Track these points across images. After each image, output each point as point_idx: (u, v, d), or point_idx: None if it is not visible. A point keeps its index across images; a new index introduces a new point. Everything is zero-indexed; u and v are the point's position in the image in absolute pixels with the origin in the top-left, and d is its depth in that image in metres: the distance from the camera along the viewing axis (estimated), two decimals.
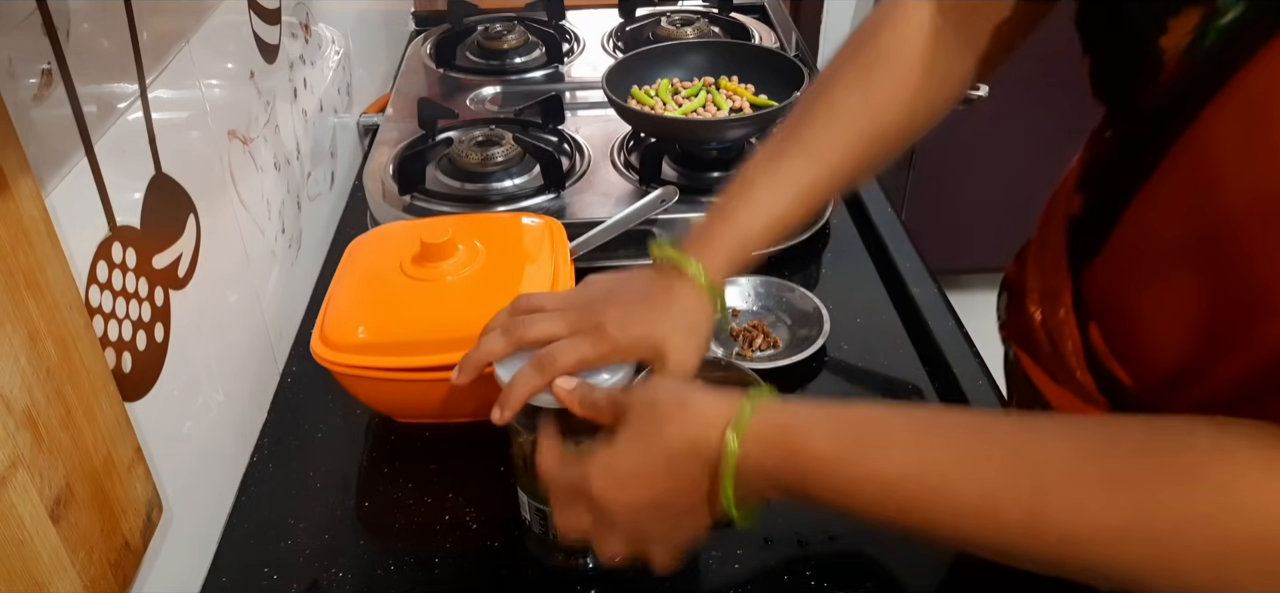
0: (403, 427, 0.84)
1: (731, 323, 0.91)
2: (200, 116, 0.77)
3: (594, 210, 1.02)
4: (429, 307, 0.80)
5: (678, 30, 1.42)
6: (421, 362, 0.76)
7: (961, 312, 0.97)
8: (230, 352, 0.81)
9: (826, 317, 0.91)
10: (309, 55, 1.10)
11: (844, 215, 1.14)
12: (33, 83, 0.54)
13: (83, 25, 0.59)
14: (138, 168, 0.66)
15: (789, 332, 0.94)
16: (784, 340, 0.93)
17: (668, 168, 1.11)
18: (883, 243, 1.07)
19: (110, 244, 0.61)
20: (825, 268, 1.03)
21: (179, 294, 0.71)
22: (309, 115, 1.08)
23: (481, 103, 1.30)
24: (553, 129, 1.17)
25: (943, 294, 0.98)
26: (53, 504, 0.51)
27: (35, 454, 0.50)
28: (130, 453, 0.60)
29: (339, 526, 0.76)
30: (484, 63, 1.41)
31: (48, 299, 0.52)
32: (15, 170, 0.50)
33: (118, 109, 0.63)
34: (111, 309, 0.61)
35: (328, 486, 0.80)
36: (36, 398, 0.50)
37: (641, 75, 1.18)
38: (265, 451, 0.84)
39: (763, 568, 0.71)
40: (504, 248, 0.86)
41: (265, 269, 0.90)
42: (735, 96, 1.14)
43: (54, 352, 0.52)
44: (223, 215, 0.80)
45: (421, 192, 1.06)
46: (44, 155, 0.54)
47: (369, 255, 0.87)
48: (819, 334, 0.90)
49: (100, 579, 0.56)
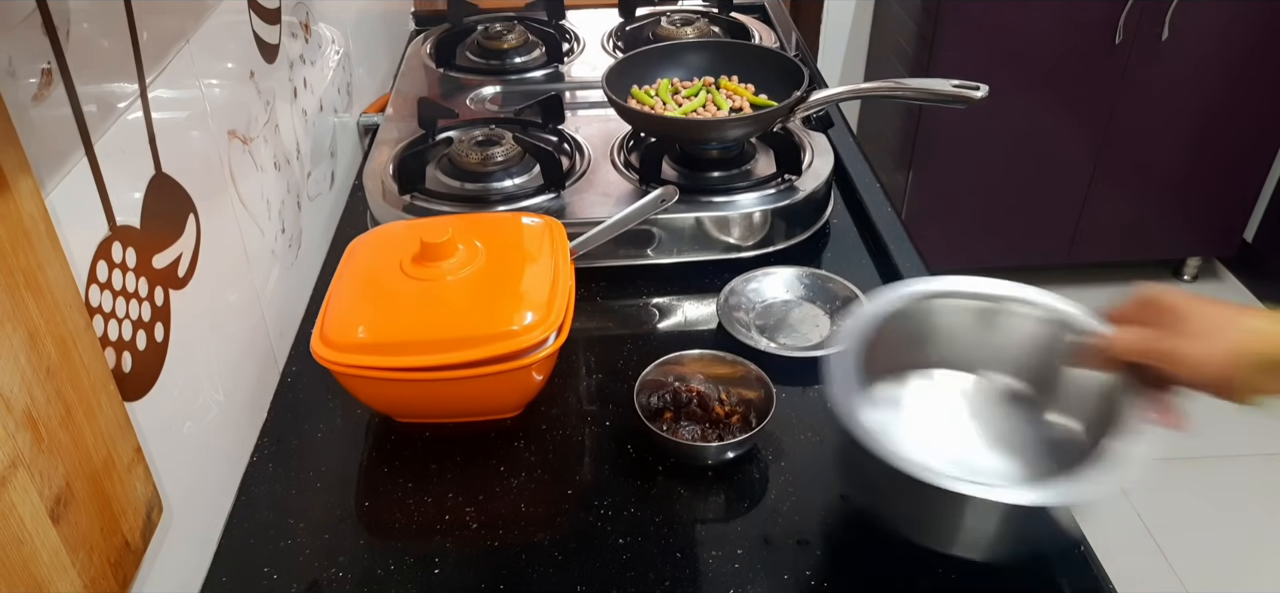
0: (403, 427, 0.84)
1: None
2: (200, 116, 0.77)
3: (594, 210, 1.02)
4: (429, 307, 0.80)
5: (678, 30, 1.42)
6: (421, 362, 0.76)
7: None
8: (230, 351, 0.81)
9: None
10: (309, 55, 1.10)
11: (844, 215, 1.14)
12: (33, 82, 0.54)
13: (83, 25, 0.59)
14: (138, 168, 0.66)
15: (830, 321, 0.96)
16: (825, 328, 0.95)
17: (668, 168, 1.11)
18: (883, 243, 1.07)
19: (110, 244, 0.61)
20: (825, 268, 1.03)
21: (179, 294, 0.71)
22: (309, 115, 1.08)
23: (481, 103, 1.30)
24: (553, 129, 1.17)
25: None
26: (53, 504, 0.51)
27: (35, 454, 0.50)
28: (130, 453, 0.60)
29: (339, 526, 0.76)
30: (484, 63, 1.41)
31: (48, 299, 0.52)
32: (15, 170, 0.50)
33: (118, 109, 0.63)
34: (111, 309, 0.61)
35: (328, 486, 0.80)
36: (36, 398, 0.50)
37: (641, 75, 1.18)
38: (265, 450, 0.84)
39: (763, 568, 0.71)
40: (504, 248, 0.86)
41: (265, 269, 0.90)
42: (735, 96, 1.14)
43: (54, 351, 0.52)
44: (223, 215, 0.80)
45: (421, 191, 1.06)
46: (44, 155, 0.54)
47: (369, 255, 0.87)
48: None
49: (100, 579, 0.56)
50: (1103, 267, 2.68)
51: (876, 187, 1.18)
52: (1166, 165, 2.39)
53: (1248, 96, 2.28)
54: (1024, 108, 2.26)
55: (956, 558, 0.71)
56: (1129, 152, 2.35)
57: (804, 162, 1.09)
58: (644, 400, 0.82)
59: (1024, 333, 0.78)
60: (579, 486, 0.79)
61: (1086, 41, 2.17)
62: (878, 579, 0.71)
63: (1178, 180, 2.42)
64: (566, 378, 0.90)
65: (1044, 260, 2.58)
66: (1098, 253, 2.55)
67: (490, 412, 0.84)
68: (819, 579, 0.71)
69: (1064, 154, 2.35)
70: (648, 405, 0.82)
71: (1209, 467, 2.10)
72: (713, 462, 0.80)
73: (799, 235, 1.07)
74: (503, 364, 0.77)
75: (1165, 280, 2.67)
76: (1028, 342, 0.78)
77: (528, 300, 0.80)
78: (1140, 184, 2.42)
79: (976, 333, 0.80)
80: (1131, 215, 2.47)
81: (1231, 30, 2.18)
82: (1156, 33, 2.17)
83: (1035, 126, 2.30)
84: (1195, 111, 2.30)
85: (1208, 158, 2.38)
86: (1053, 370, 0.76)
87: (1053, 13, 2.13)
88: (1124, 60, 2.20)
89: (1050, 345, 0.77)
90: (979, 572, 0.71)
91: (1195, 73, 2.24)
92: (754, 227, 1.04)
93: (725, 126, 1.07)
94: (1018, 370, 0.79)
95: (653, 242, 1.03)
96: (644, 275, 1.04)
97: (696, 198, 1.04)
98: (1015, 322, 0.79)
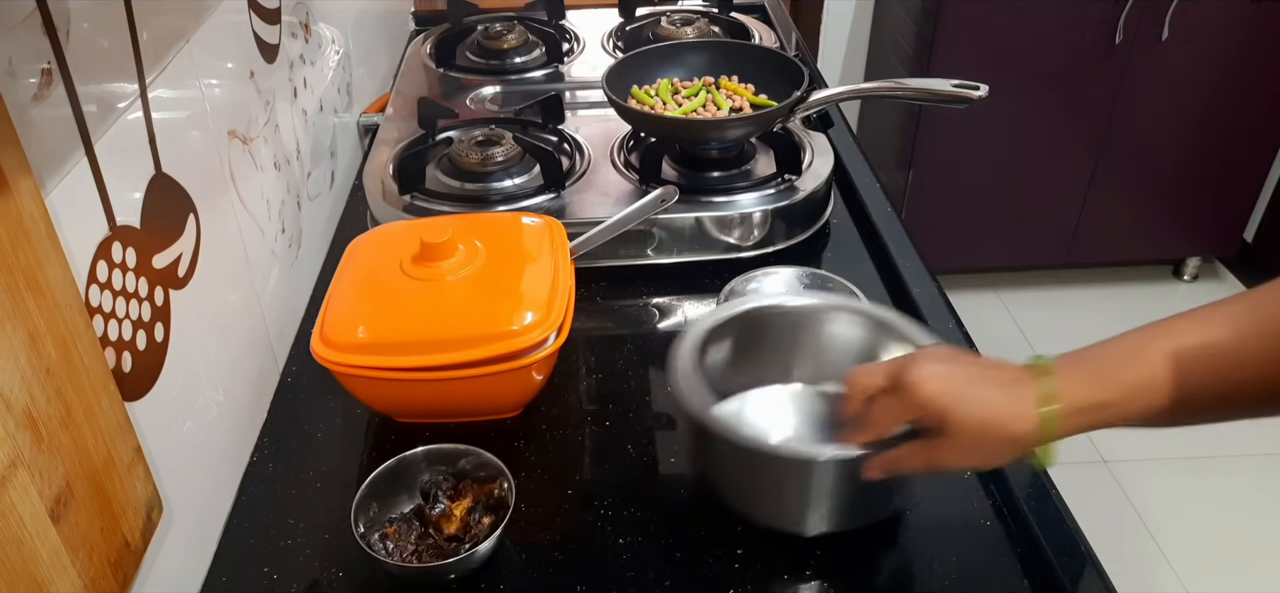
0: (403, 427, 0.84)
1: None
2: (200, 116, 0.77)
3: (594, 210, 1.02)
4: (429, 307, 0.80)
5: (678, 30, 1.42)
6: (421, 362, 0.76)
7: (961, 312, 0.97)
8: (230, 351, 0.81)
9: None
10: (309, 55, 1.10)
11: (844, 215, 1.14)
12: (33, 82, 0.54)
13: (83, 25, 0.59)
14: (138, 168, 0.66)
15: None
16: None
17: (668, 168, 1.11)
18: (883, 243, 1.07)
19: (110, 244, 0.61)
20: (825, 268, 1.03)
21: (179, 294, 0.71)
22: (309, 115, 1.08)
23: (481, 103, 1.30)
24: (553, 129, 1.17)
25: (943, 294, 0.98)
26: (53, 504, 0.51)
27: (35, 454, 0.50)
28: (130, 453, 0.60)
29: (339, 526, 0.75)
30: (484, 63, 1.41)
31: (48, 299, 0.52)
32: (15, 170, 0.50)
33: (118, 109, 0.63)
34: (111, 309, 0.61)
35: (328, 486, 0.80)
36: (36, 398, 0.50)
37: (641, 75, 1.18)
38: (265, 450, 0.84)
39: (763, 568, 0.71)
40: (504, 248, 0.86)
41: (265, 269, 0.90)
42: (735, 96, 1.14)
43: (54, 351, 0.52)
44: (223, 215, 0.80)
45: (421, 191, 1.06)
46: (44, 155, 0.54)
47: (369, 255, 0.87)
48: None
49: (100, 579, 0.56)
50: (1103, 267, 2.68)
51: (876, 187, 1.18)
52: (1166, 165, 2.39)
53: (1247, 97, 2.28)
54: (1024, 108, 2.26)
55: (954, 559, 0.72)
56: (1129, 152, 2.35)
57: (804, 162, 1.09)
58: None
59: (847, 340, 0.81)
60: (579, 485, 0.79)
61: (1086, 42, 2.17)
62: (878, 579, 0.71)
63: (1177, 180, 2.42)
64: (566, 378, 0.90)
65: (1044, 260, 2.58)
66: (1098, 253, 2.55)
67: (490, 412, 0.84)
68: (819, 579, 0.71)
69: (1064, 154, 2.35)
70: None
71: (1209, 467, 2.10)
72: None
73: (799, 235, 1.07)
74: (503, 364, 0.77)
75: (1165, 281, 2.68)
76: (851, 349, 0.81)
77: (528, 300, 0.80)
78: (1140, 184, 2.42)
79: (802, 344, 0.82)
80: (1131, 215, 2.47)
81: (1231, 30, 2.18)
82: (1156, 33, 2.17)
83: (1035, 127, 2.30)
84: (1195, 112, 2.30)
85: (1207, 158, 2.38)
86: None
87: (1053, 13, 2.13)
88: (1124, 60, 2.20)
89: (871, 350, 0.80)
90: (978, 574, 0.71)
91: (1195, 73, 2.24)
92: (754, 226, 1.04)
93: (725, 126, 1.07)
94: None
95: (653, 242, 1.03)
96: (644, 275, 1.04)
97: (696, 198, 1.04)
98: (838, 329, 0.81)
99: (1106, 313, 2.57)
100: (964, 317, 0.96)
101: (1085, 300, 2.62)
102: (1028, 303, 2.60)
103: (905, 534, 0.74)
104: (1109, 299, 2.62)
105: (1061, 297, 2.63)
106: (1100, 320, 2.55)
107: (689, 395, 0.71)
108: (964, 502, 0.76)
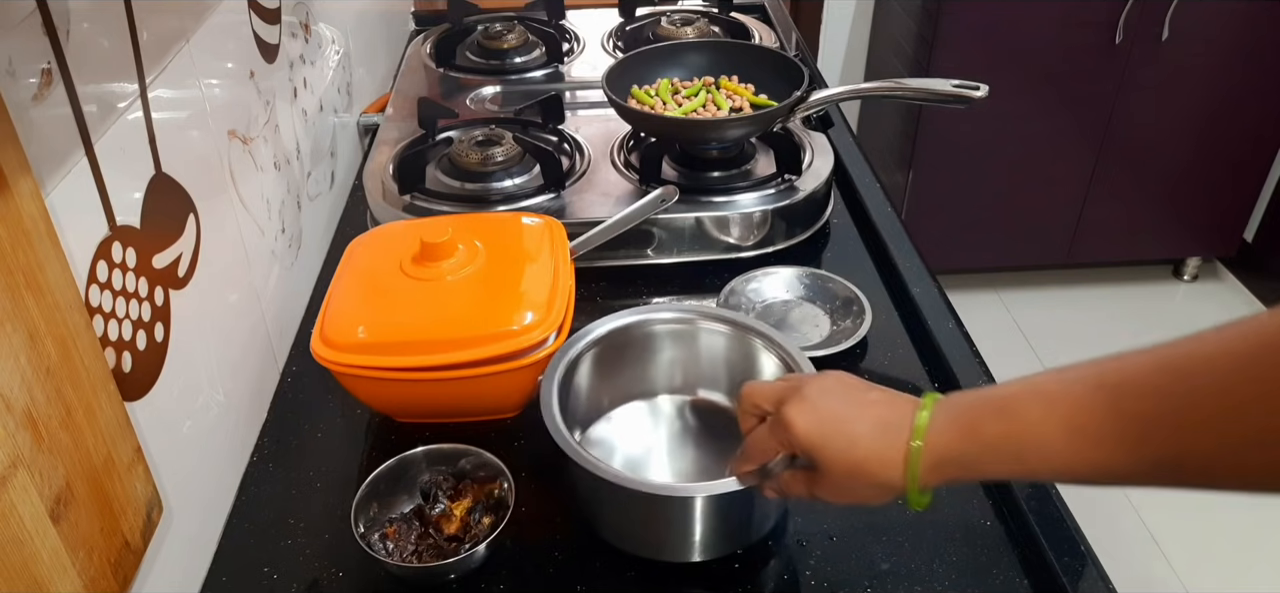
0: (403, 427, 0.84)
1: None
2: (200, 116, 0.77)
3: (594, 210, 1.02)
4: (429, 306, 0.80)
5: (678, 30, 1.42)
6: (421, 362, 0.76)
7: (961, 312, 0.97)
8: (230, 352, 0.81)
9: (868, 306, 0.94)
10: (309, 55, 1.10)
11: (844, 215, 1.14)
12: (33, 82, 0.54)
13: (83, 25, 0.59)
14: (138, 168, 0.66)
15: (830, 321, 0.95)
16: (825, 328, 0.95)
17: (668, 168, 1.11)
18: (883, 243, 1.07)
19: (110, 244, 0.61)
20: (825, 268, 1.03)
21: (179, 294, 0.71)
22: (309, 115, 1.08)
23: (481, 103, 1.30)
24: (553, 129, 1.17)
25: (943, 294, 0.98)
26: (53, 504, 0.51)
27: (35, 454, 0.50)
28: (130, 453, 0.60)
29: (339, 526, 0.75)
30: (484, 63, 1.41)
31: (48, 299, 0.52)
32: (15, 170, 0.50)
33: (118, 109, 0.63)
34: (111, 309, 0.61)
35: (328, 486, 0.80)
36: (36, 398, 0.50)
37: (641, 75, 1.18)
38: (265, 450, 0.84)
39: (763, 568, 0.71)
40: (504, 248, 0.86)
41: (265, 269, 0.90)
42: (735, 96, 1.14)
43: (54, 352, 0.52)
44: (223, 215, 0.80)
45: (421, 191, 1.06)
46: (44, 155, 0.54)
47: (369, 255, 0.87)
48: (861, 324, 0.92)
49: (100, 579, 0.56)
50: (1103, 267, 2.68)
51: (876, 187, 1.18)
52: (1166, 165, 2.39)
53: (1247, 97, 2.28)
54: (1024, 108, 2.26)
55: (954, 559, 0.72)
56: (1129, 152, 2.35)
57: (804, 161, 1.09)
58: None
59: (717, 350, 0.82)
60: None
61: (1086, 41, 2.17)
62: (878, 579, 0.71)
63: (1177, 181, 2.42)
64: None
65: (1044, 260, 2.58)
66: (1098, 253, 2.55)
67: (490, 412, 0.84)
68: (819, 579, 0.71)
69: (1064, 154, 2.35)
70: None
71: None
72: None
73: (799, 235, 1.07)
74: (503, 364, 0.77)
75: (1165, 281, 2.68)
76: (722, 358, 0.82)
77: (528, 300, 0.80)
78: (1140, 184, 2.42)
79: (678, 356, 0.83)
80: (1131, 215, 2.47)
81: (1231, 31, 2.18)
82: (1156, 33, 2.17)
83: (1035, 126, 2.30)
84: (1195, 112, 2.30)
85: (1207, 158, 2.38)
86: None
87: (1053, 13, 2.13)
88: (1124, 60, 2.20)
89: (743, 360, 0.81)
90: (978, 574, 0.71)
91: (1195, 73, 2.24)
92: (754, 226, 1.04)
93: (725, 126, 1.07)
94: (718, 386, 0.84)
95: (653, 242, 1.03)
96: (644, 275, 1.04)
97: (696, 198, 1.04)
98: (711, 339, 0.82)
99: (1106, 313, 2.57)
100: (964, 317, 0.96)
101: (1085, 300, 2.62)
102: (1028, 303, 2.60)
103: (905, 534, 0.74)
104: (1109, 299, 2.62)
105: (1061, 297, 2.63)
106: (1100, 320, 2.56)
107: (555, 435, 0.70)
108: (964, 502, 0.76)
